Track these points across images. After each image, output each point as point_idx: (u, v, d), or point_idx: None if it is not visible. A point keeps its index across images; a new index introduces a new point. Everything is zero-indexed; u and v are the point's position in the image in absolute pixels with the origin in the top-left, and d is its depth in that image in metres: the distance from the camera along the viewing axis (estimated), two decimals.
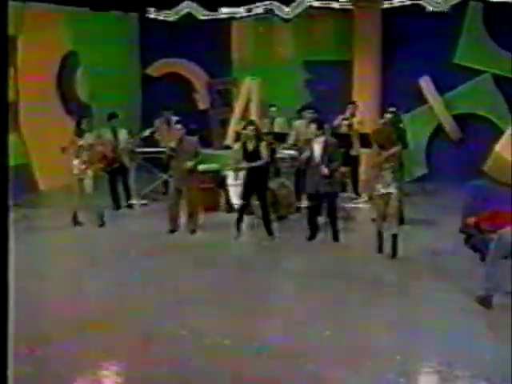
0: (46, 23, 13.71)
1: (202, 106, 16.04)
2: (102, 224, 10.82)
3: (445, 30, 13.96)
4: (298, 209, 11.53)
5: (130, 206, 12.38)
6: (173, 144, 10.44)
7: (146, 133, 12.81)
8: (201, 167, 12.30)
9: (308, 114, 11.85)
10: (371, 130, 11.10)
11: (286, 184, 11.65)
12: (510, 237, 6.74)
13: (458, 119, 14.35)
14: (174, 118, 13.32)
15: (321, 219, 10.04)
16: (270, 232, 10.03)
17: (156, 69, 16.57)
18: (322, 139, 9.65)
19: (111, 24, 15.36)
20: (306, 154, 9.59)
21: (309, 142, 9.79)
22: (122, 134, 12.23)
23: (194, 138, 10.79)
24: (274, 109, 13.45)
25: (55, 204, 12.43)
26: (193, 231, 10.32)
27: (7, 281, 2.61)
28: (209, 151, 13.69)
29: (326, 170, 9.42)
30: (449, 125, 14.37)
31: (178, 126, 13.29)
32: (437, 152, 14.46)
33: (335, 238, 9.79)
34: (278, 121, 13.37)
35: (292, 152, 11.78)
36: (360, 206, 12.23)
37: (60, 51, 14.44)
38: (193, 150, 10.39)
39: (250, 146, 9.88)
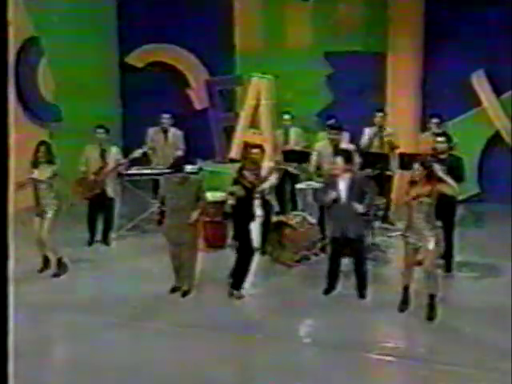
0: None
1: (197, 105, 13.66)
2: (57, 274, 8.88)
3: (504, 14, 11.71)
4: (323, 249, 9.65)
5: (105, 243, 10.36)
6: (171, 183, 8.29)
7: (137, 154, 10.62)
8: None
9: (332, 135, 9.88)
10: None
11: (308, 219, 9.82)
12: None
13: None
14: (173, 130, 11.34)
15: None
16: (236, 285, 8.17)
17: (138, 57, 14.11)
18: (349, 175, 8.12)
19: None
20: (333, 195, 8.08)
21: (334, 179, 8.21)
22: (112, 154, 10.19)
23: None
24: (287, 117, 11.46)
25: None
26: (186, 293, 8.23)
27: (7, 284, 2.58)
28: (209, 165, 11.67)
29: (360, 207, 7.95)
30: (508, 132, 12.27)
31: (179, 142, 11.31)
32: (493, 166, 12.33)
33: (361, 294, 8.19)
34: (292, 132, 11.41)
35: (313, 183, 9.97)
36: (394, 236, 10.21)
37: (17, 36, 12.02)
38: (196, 189, 8.28)
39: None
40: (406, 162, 10.20)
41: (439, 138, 8.93)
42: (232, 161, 12.31)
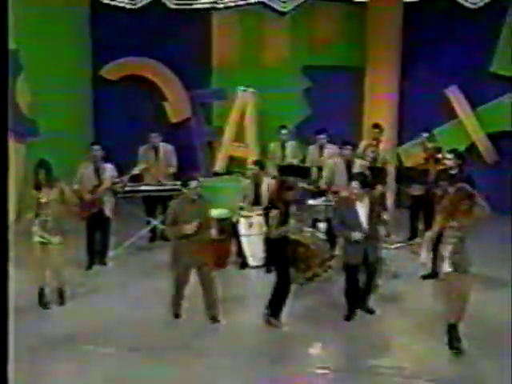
0: None
1: (173, 118, 13.57)
2: (62, 302, 8.43)
3: (480, 31, 12.32)
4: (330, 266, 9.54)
5: (103, 263, 10.09)
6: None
7: (136, 171, 10.55)
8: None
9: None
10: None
11: (318, 235, 9.61)
12: None
13: (494, 138, 12.73)
14: (162, 144, 11.28)
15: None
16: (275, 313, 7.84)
17: (112, 70, 13.91)
18: (367, 198, 7.91)
19: (52, 12, 12.51)
20: (357, 236, 7.74)
21: (352, 204, 7.91)
22: (107, 171, 9.88)
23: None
24: (284, 131, 11.39)
25: None
26: (214, 318, 7.85)
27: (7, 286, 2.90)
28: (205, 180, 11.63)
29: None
30: (482, 144, 12.75)
31: (171, 158, 11.22)
32: None
33: (368, 309, 8.21)
34: (289, 145, 11.40)
35: (325, 199, 9.99)
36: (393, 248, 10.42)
37: None
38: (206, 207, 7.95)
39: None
40: (403, 175, 10.61)
41: (448, 155, 9.16)
42: (216, 174, 12.40)
